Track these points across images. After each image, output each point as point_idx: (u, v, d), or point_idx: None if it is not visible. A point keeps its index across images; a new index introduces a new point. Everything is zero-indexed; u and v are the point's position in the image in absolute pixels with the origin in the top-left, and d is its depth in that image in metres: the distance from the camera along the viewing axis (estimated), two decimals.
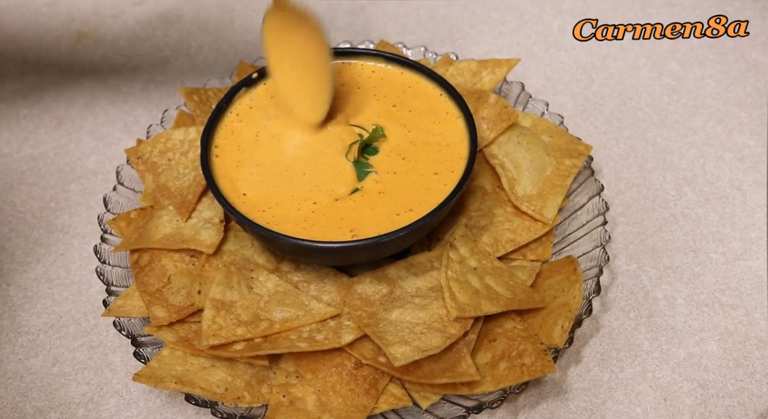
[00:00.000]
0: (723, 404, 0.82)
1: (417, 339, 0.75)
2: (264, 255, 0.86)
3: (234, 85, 0.90)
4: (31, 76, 1.21)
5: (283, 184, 0.82)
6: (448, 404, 0.77)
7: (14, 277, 0.94)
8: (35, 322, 0.90)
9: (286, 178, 0.83)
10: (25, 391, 0.84)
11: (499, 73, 1.02)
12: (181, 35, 1.28)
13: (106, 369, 0.86)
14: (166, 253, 0.85)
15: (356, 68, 0.94)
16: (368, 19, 1.30)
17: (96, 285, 0.93)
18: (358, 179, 0.82)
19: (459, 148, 0.85)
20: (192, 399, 0.75)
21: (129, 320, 0.83)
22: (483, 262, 0.84)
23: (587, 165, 0.96)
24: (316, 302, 0.80)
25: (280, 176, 0.83)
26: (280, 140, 0.87)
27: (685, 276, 0.94)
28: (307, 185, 0.82)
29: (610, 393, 0.83)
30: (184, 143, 0.94)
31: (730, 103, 1.15)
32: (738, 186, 1.03)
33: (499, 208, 0.91)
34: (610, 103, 1.16)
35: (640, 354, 0.86)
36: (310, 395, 0.77)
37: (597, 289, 0.83)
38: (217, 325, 0.77)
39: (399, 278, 0.82)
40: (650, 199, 1.02)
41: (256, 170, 0.84)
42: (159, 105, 1.15)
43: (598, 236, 0.89)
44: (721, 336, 0.88)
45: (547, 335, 0.79)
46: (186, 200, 0.88)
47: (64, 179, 1.06)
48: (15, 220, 1.01)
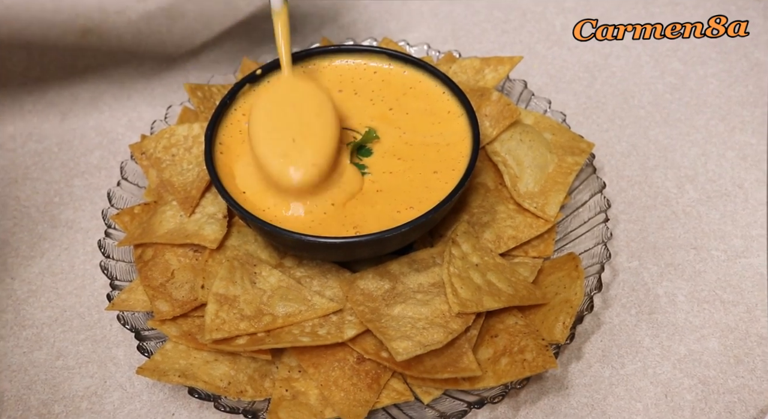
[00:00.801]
0: (723, 400, 0.83)
1: (419, 334, 0.75)
2: (267, 251, 0.86)
3: (237, 82, 0.90)
4: (36, 72, 1.21)
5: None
6: (449, 399, 0.77)
7: (18, 271, 0.95)
8: (39, 316, 0.91)
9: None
10: (29, 384, 0.85)
11: (502, 70, 1.02)
12: (185, 32, 1.28)
13: (109, 362, 0.86)
14: (170, 248, 0.85)
15: (358, 70, 0.95)
16: (372, 16, 1.31)
17: (100, 280, 0.93)
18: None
19: (460, 146, 0.85)
20: (195, 393, 0.76)
21: (133, 314, 0.83)
22: (485, 258, 0.85)
23: (589, 163, 0.97)
24: (318, 297, 0.80)
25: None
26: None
27: (686, 273, 0.94)
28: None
29: (611, 389, 0.84)
30: (188, 139, 0.94)
31: (732, 102, 1.15)
32: (739, 184, 1.04)
33: (501, 205, 0.91)
34: (612, 101, 1.16)
35: (641, 350, 0.87)
36: (313, 389, 0.77)
37: (598, 286, 0.84)
38: (221, 319, 0.77)
39: (401, 274, 0.83)
40: (652, 196, 1.02)
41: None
42: (163, 101, 1.16)
43: (600, 233, 0.89)
44: (722, 332, 0.88)
45: (549, 331, 0.79)
46: (190, 195, 0.88)
47: (69, 174, 1.06)
48: (19, 214, 1.01)
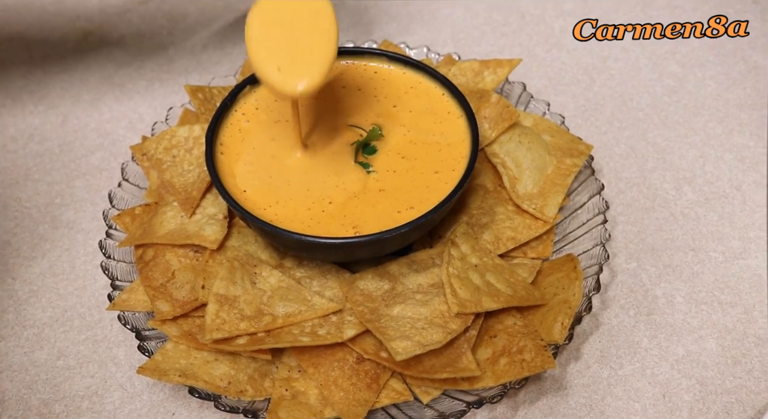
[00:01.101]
0: (721, 401, 0.83)
1: (418, 334, 0.75)
2: (267, 251, 0.87)
3: (238, 84, 0.91)
4: (37, 73, 1.22)
5: (286, 184, 0.83)
6: (448, 399, 0.78)
7: (20, 271, 0.95)
8: (40, 316, 0.91)
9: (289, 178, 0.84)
10: (30, 384, 0.85)
11: (501, 73, 1.02)
12: (186, 34, 1.29)
13: (110, 362, 0.87)
14: (171, 248, 0.86)
15: (359, 69, 0.95)
16: (372, 19, 1.31)
17: (101, 280, 0.94)
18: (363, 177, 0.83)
19: (460, 147, 0.86)
20: (195, 393, 0.76)
21: (133, 314, 0.84)
22: (484, 259, 0.85)
23: (588, 164, 0.97)
24: (318, 297, 0.81)
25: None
26: (287, 140, 0.87)
27: (684, 275, 0.94)
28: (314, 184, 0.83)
29: (609, 390, 0.84)
30: (189, 140, 0.95)
31: (731, 105, 1.16)
32: (737, 186, 1.04)
33: (500, 206, 0.91)
34: (611, 103, 1.17)
35: (639, 351, 0.87)
36: (312, 389, 0.78)
37: (597, 287, 0.84)
38: (221, 319, 0.78)
39: (401, 275, 0.83)
40: (650, 198, 1.03)
41: (260, 169, 0.85)
42: (164, 103, 1.16)
43: (598, 235, 0.89)
44: (719, 333, 0.89)
45: (547, 331, 0.79)
46: (190, 196, 0.88)
47: (70, 175, 1.07)
48: (20, 215, 1.02)
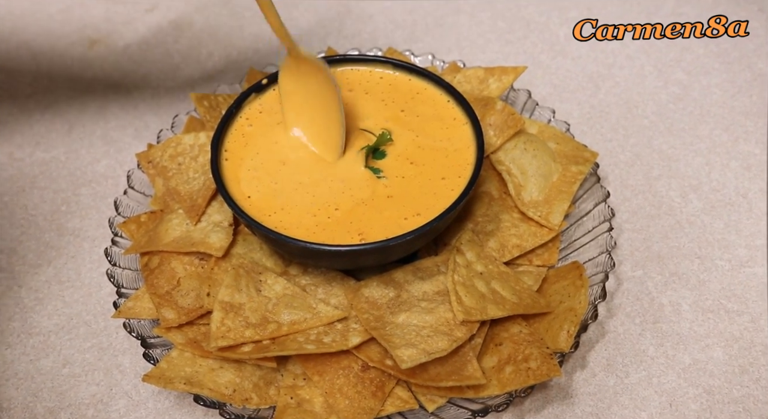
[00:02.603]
0: (728, 410, 0.82)
1: (423, 342, 0.75)
2: (272, 259, 0.87)
3: (244, 91, 0.91)
4: (44, 82, 1.22)
5: (292, 190, 0.83)
6: (454, 407, 0.78)
7: (26, 279, 0.96)
8: (46, 323, 0.91)
9: (294, 183, 0.84)
10: (35, 392, 0.85)
11: (506, 80, 1.02)
12: (191, 42, 1.30)
13: (115, 370, 0.87)
14: (176, 256, 0.86)
15: (364, 74, 0.95)
16: (377, 26, 1.32)
17: (106, 287, 0.94)
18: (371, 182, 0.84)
19: (466, 154, 0.86)
20: (201, 400, 0.76)
21: (139, 321, 0.84)
22: (489, 267, 0.85)
23: (593, 172, 0.97)
24: (323, 305, 0.81)
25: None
26: (290, 143, 0.88)
27: (690, 283, 0.94)
28: (320, 190, 0.83)
29: (615, 398, 0.83)
30: (194, 148, 0.95)
31: (736, 112, 1.16)
32: (743, 194, 1.04)
33: (505, 213, 0.91)
34: (616, 111, 1.17)
35: (645, 359, 0.87)
36: (318, 397, 0.78)
37: (603, 294, 0.84)
38: (226, 327, 0.77)
39: (406, 282, 0.83)
40: (656, 206, 1.03)
41: (265, 174, 0.85)
42: (169, 110, 1.17)
43: (604, 242, 0.89)
44: (726, 342, 0.88)
45: (553, 339, 0.79)
46: (196, 203, 0.89)
47: (76, 183, 1.07)
48: (27, 223, 1.02)
